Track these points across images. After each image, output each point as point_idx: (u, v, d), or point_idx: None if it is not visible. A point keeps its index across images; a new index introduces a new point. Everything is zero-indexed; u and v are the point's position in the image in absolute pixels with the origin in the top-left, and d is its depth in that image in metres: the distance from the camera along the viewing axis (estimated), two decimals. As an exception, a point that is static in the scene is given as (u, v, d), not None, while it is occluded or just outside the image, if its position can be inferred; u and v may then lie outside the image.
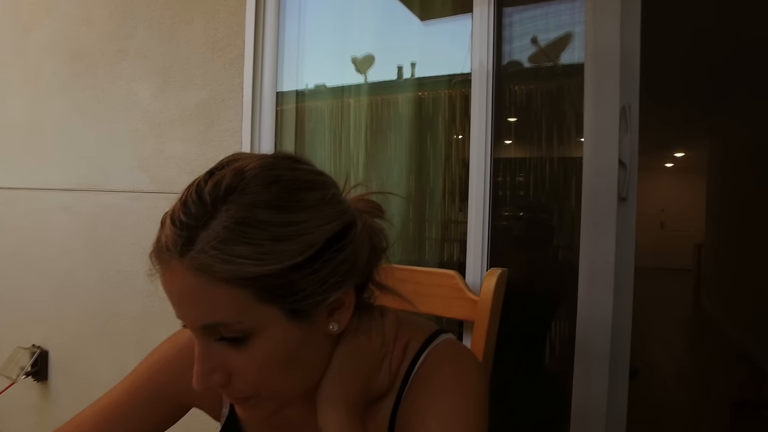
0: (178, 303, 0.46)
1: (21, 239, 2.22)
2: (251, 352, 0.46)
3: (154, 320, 1.71)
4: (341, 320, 0.51)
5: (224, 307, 0.44)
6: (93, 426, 0.64)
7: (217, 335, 0.46)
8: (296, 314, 0.46)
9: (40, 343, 2.13)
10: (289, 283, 0.44)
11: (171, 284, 0.45)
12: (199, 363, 0.47)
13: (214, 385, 0.48)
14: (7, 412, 2.30)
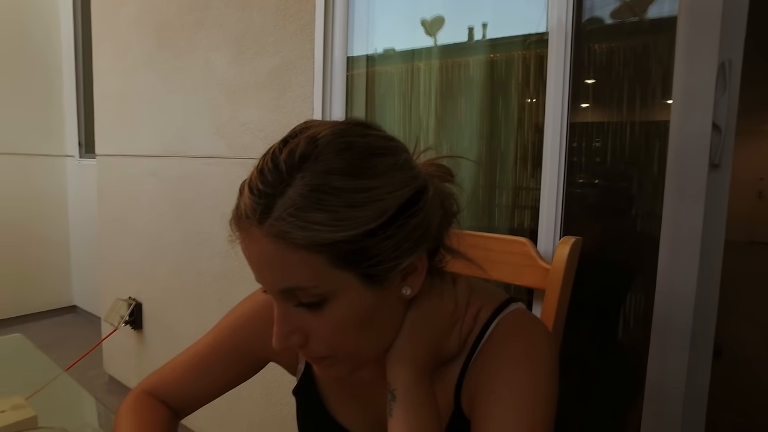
0: (257, 268, 0.48)
1: (118, 204, 2.42)
2: (327, 315, 0.48)
3: (233, 279, 1.81)
4: (414, 285, 0.51)
5: (301, 272, 0.45)
6: (183, 372, 0.70)
7: (295, 299, 0.48)
8: (370, 279, 0.47)
9: (135, 296, 2.34)
10: (364, 248, 0.45)
11: (250, 250, 0.47)
12: (278, 325, 0.49)
13: (293, 346, 0.50)
14: (112, 354, 2.57)
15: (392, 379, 0.52)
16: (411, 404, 0.50)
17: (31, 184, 3.49)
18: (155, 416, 0.66)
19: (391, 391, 0.52)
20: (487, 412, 0.51)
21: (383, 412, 0.60)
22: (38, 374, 1.07)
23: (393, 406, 0.51)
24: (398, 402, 0.51)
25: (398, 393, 0.51)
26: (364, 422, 0.64)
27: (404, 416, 0.50)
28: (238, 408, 1.84)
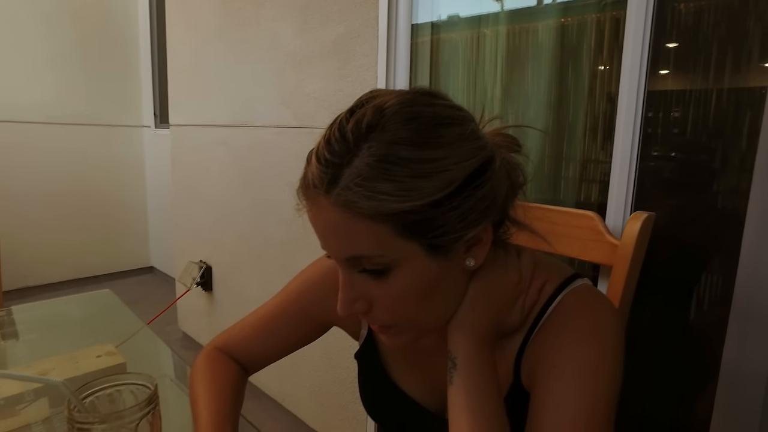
0: (323, 235, 0.49)
1: (190, 172, 2.55)
2: (391, 284, 0.48)
3: (297, 246, 1.88)
4: (478, 256, 0.51)
5: (366, 241, 0.46)
6: (252, 332, 0.74)
7: (360, 267, 0.49)
8: (435, 249, 0.47)
9: (205, 259, 2.48)
10: (429, 219, 0.45)
11: (317, 218, 0.48)
12: (343, 291, 0.50)
13: (356, 312, 0.52)
14: (185, 312, 2.76)
15: (453, 348, 0.53)
16: (471, 373, 0.51)
17: (113, 154, 3.74)
18: (227, 371, 0.71)
19: (452, 359, 0.52)
20: (548, 387, 0.51)
21: (442, 379, 0.61)
22: (124, 326, 1.17)
23: (453, 374, 0.52)
24: (459, 370, 0.51)
25: (459, 361, 0.51)
26: (423, 389, 0.65)
27: (464, 384, 0.50)
28: (300, 369, 1.92)
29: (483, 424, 0.48)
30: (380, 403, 0.69)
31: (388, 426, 0.71)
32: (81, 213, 3.63)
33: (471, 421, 0.48)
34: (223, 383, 0.68)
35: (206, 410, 0.62)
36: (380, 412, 0.70)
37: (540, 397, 0.51)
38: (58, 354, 1.02)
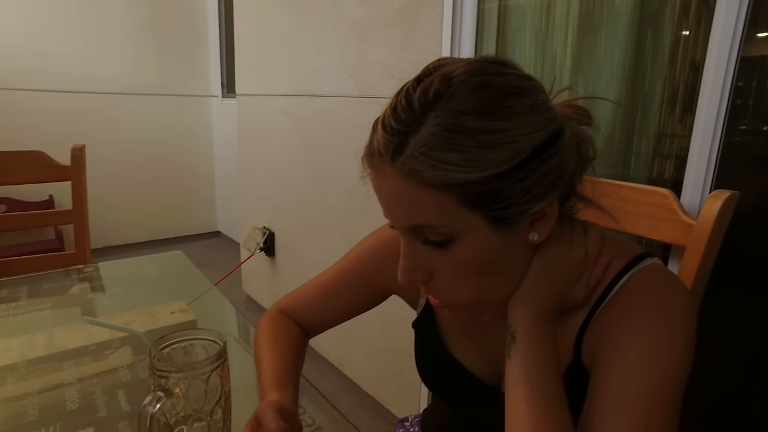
0: (387, 204, 0.49)
1: (255, 141, 2.63)
2: (453, 255, 0.48)
3: (357, 215, 1.90)
4: (542, 230, 0.50)
5: (430, 211, 0.46)
6: (313, 297, 0.77)
7: (422, 237, 0.49)
8: (498, 222, 0.47)
9: (269, 225, 2.57)
10: (494, 191, 0.44)
11: (381, 186, 0.48)
12: (404, 260, 0.51)
13: (416, 281, 0.52)
14: (249, 276, 2.89)
15: (513, 321, 0.52)
16: (530, 347, 0.50)
17: (183, 123, 3.91)
18: (289, 332, 0.74)
19: (512, 333, 0.51)
20: (610, 367, 0.49)
21: (499, 353, 0.60)
22: (193, 286, 1.25)
23: (512, 348, 0.51)
24: (518, 344, 0.50)
25: (518, 335, 0.51)
26: (479, 361, 0.65)
27: (523, 359, 0.50)
28: (357, 336, 1.98)
29: (540, 400, 0.48)
30: (435, 373, 0.70)
31: (443, 395, 0.72)
32: (155, 180, 3.86)
33: (528, 396, 0.48)
34: (286, 343, 0.71)
35: (270, 368, 0.65)
36: (435, 381, 0.71)
37: (601, 377, 0.50)
38: (138, 308, 1.10)
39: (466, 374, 0.65)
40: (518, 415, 0.48)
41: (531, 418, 0.47)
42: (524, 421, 0.47)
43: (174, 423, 0.57)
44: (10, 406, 0.73)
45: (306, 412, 0.73)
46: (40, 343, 0.92)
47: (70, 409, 0.73)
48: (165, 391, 0.55)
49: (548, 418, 0.47)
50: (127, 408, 0.73)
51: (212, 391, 0.57)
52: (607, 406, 0.47)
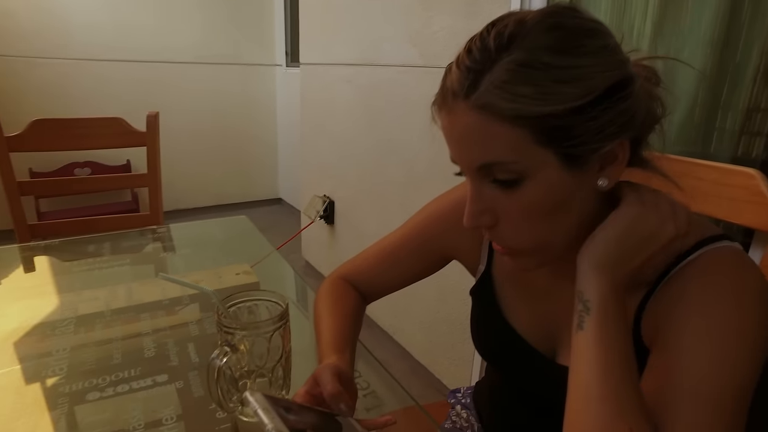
0: (458, 144, 0.49)
1: (318, 110, 2.66)
2: (521, 195, 0.48)
3: (416, 186, 1.90)
4: (611, 176, 0.49)
5: (503, 146, 0.46)
6: (374, 262, 0.78)
7: (491, 177, 0.48)
8: (569, 160, 0.46)
9: (329, 194, 2.62)
10: (568, 126, 0.44)
11: (453, 126, 0.48)
12: (470, 203, 0.50)
13: (482, 225, 0.51)
14: (309, 243, 2.97)
15: (585, 286, 0.48)
16: (606, 320, 0.46)
17: (248, 92, 4.01)
18: (348, 297, 0.76)
19: (584, 302, 0.47)
20: (676, 343, 0.47)
21: (555, 323, 0.59)
22: (256, 250, 1.30)
23: (585, 318, 0.47)
24: (593, 315, 0.47)
25: (593, 305, 0.47)
26: (535, 330, 0.64)
27: (598, 331, 0.46)
28: (413, 306, 2.00)
29: (613, 381, 0.44)
30: (490, 341, 0.70)
31: (496, 364, 0.72)
32: (222, 147, 4.01)
33: (601, 375, 0.44)
34: (345, 309, 0.73)
35: (329, 332, 0.67)
36: (490, 349, 0.70)
37: (665, 354, 0.47)
38: (205, 269, 1.17)
39: (521, 343, 0.64)
40: (589, 398, 0.44)
41: (603, 403, 0.44)
42: (597, 407, 0.44)
43: (238, 377, 0.61)
44: (99, 349, 0.81)
45: (361, 376, 0.75)
46: (121, 295, 1.00)
47: (147, 356, 0.79)
48: (231, 346, 0.58)
49: (622, 404, 0.43)
50: (196, 360, 0.78)
51: (274, 350, 0.60)
52: (674, 386, 0.45)
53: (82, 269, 1.15)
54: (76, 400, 0.68)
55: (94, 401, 0.68)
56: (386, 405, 0.70)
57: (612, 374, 0.44)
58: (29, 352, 0.80)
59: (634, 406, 0.43)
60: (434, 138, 1.70)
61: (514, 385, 0.72)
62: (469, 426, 0.84)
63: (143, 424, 0.64)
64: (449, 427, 0.85)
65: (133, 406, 0.67)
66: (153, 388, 0.71)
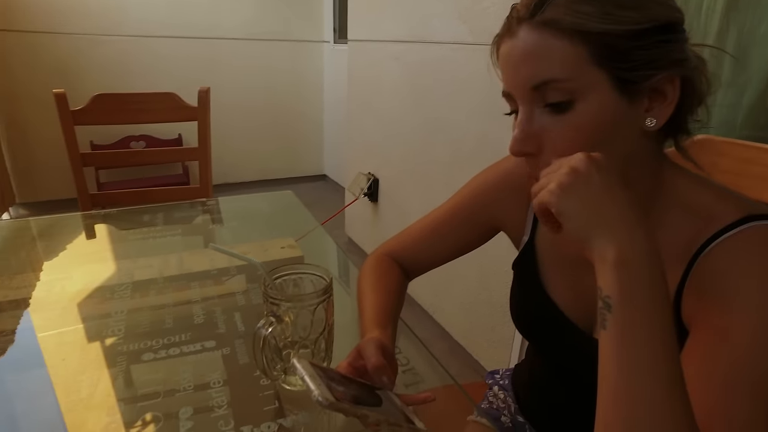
0: (515, 66, 0.50)
1: (365, 87, 2.65)
2: (571, 119, 0.49)
3: (462, 167, 1.87)
4: (659, 115, 0.49)
5: (560, 62, 0.47)
6: (419, 236, 0.79)
7: (544, 100, 0.49)
8: (622, 84, 0.47)
9: (374, 172, 2.62)
10: (624, 49, 0.46)
11: (513, 48, 0.50)
12: (518, 128, 0.51)
13: (527, 152, 0.52)
14: (352, 220, 3.00)
15: (605, 283, 0.42)
16: (633, 316, 0.41)
17: (296, 68, 4.04)
18: (392, 274, 0.76)
19: (604, 299, 0.42)
20: (721, 317, 0.44)
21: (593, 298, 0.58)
22: (301, 225, 1.32)
23: (607, 316, 0.42)
24: (615, 313, 0.41)
25: (614, 301, 0.41)
26: (575, 303, 0.63)
27: (621, 330, 0.41)
28: (453, 286, 2.00)
29: (647, 385, 0.39)
30: (529, 314, 0.69)
31: (534, 338, 0.71)
32: (269, 123, 4.07)
33: (629, 378, 0.40)
34: (388, 285, 0.73)
35: (372, 308, 0.68)
36: (528, 323, 0.69)
37: (708, 328, 0.45)
38: (251, 241, 1.20)
39: (561, 317, 0.63)
40: (618, 403, 0.40)
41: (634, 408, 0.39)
42: (628, 412, 0.39)
43: (282, 346, 0.63)
44: (153, 313, 0.85)
45: (401, 353, 0.76)
46: (173, 263, 1.05)
47: (196, 322, 0.82)
48: (276, 317, 0.60)
49: (658, 408, 0.38)
50: (242, 328, 0.81)
51: (317, 323, 0.62)
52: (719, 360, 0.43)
53: (138, 238, 1.20)
54: (132, 359, 0.72)
55: (149, 362, 0.72)
56: (425, 382, 0.71)
57: (643, 377, 0.39)
58: (91, 312, 0.85)
59: (678, 413, 0.39)
60: (483, 117, 1.67)
61: (553, 365, 0.71)
62: (505, 407, 0.83)
63: (193, 386, 0.67)
64: (486, 407, 0.86)
65: (183, 368, 0.70)
66: (201, 353, 0.74)
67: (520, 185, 0.69)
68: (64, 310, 0.86)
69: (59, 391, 0.66)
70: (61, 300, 0.88)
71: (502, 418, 0.82)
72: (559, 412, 0.72)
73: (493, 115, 1.64)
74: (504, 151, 0.57)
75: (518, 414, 0.81)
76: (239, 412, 0.62)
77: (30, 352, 0.75)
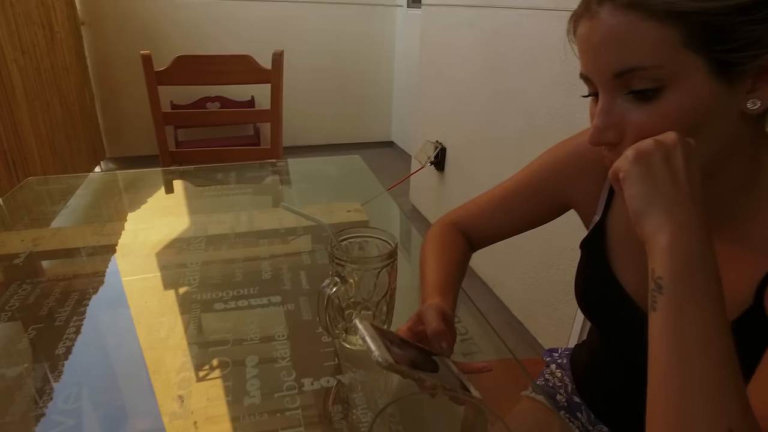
0: (596, 50, 0.46)
1: (437, 53, 2.59)
2: (658, 107, 0.44)
3: (534, 139, 1.81)
4: (765, 96, 0.43)
5: (648, 48, 0.43)
6: (487, 207, 0.77)
7: (627, 88, 0.45)
8: (720, 68, 0.42)
9: (441, 140, 2.59)
10: (724, 28, 0.41)
11: (594, 31, 0.45)
12: (598, 117, 0.47)
13: (606, 142, 0.48)
14: (417, 188, 3.00)
15: (659, 264, 0.41)
16: (686, 300, 0.39)
17: (367, 32, 4.00)
18: (456, 243, 0.76)
19: (656, 280, 0.41)
20: None
21: None
22: (366, 190, 1.34)
23: (657, 298, 0.41)
24: (667, 294, 0.40)
25: (667, 282, 0.40)
26: (641, 288, 0.60)
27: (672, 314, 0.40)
28: (516, 261, 1.96)
29: (698, 371, 0.38)
30: (594, 295, 0.66)
31: (597, 320, 0.69)
32: (339, 88, 4.09)
33: (680, 364, 0.39)
34: (452, 254, 0.73)
35: (434, 275, 0.68)
36: (592, 303, 0.67)
37: None
38: (318, 203, 1.23)
39: (626, 300, 0.61)
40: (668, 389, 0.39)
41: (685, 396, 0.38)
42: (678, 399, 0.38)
43: (345, 307, 0.65)
44: (224, 267, 0.90)
45: (460, 322, 0.76)
46: (244, 221, 1.09)
47: (264, 278, 0.86)
48: (341, 277, 0.61)
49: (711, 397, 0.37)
50: (307, 287, 0.84)
51: (380, 286, 0.63)
52: None
53: (212, 194, 1.26)
54: (204, 307, 0.77)
55: (219, 311, 0.76)
56: (482, 353, 0.71)
57: (693, 362, 0.38)
58: (168, 262, 0.92)
59: (731, 400, 0.37)
60: (558, 89, 1.59)
61: (614, 348, 0.69)
62: (562, 386, 0.82)
63: (258, 338, 0.70)
64: (542, 384, 0.85)
65: (250, 320, 0.74)
66: (267, 307, 0.78)
67: (595, 163, 0.65)
68: (146, 257, 0.92)
69: (141, 330, 0.72)
70: (144, 248, 0.95)
71: (558, 397, 0.81)
72: (617, 395, 0.70)
73: (568, 88, 1.56)
74: (579, 126, 0.54)
75: (574, 394, 0.80)
76: (300, 365, 0.65)
77: (116, 293, 0.82)
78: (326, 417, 0.58)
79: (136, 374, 0.64)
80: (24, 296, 0.79)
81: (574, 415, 0.78)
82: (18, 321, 0.73)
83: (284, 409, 0.58)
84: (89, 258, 0.93)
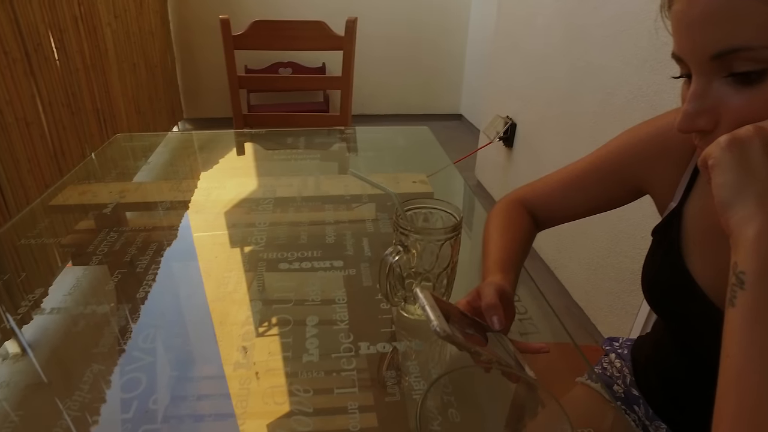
0: (694, 28, 0.43)
1: (514, 24, 2.48)
2: (761, 92, 0.41)
3: (612, 119, 1.71)
4: None
5: (755, 27, 0.39)
6: (557, 186, 0.74)
7: (727, 70, 0.42)
8: None
9: (512, 116, 2.51)
10: None
11: (692, 6, 0.42)
12: (689, 102, 0.44)
13: (698, 128, 0.45)
14: (483, 163, 2.94)
15: (743, 258, 0.38)
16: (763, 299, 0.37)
17: (442, 1, 3.89)
18: (522, 221, 0.74)
19: (738, 275, 0.39)
20: None
21: None
22: (432, 162, 1.33)
23: (738, 293, 0.39)
24: (749, 290, 0.38)
25: (750, 278, 0.38)
26: (717, 282, 0.55)
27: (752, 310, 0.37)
28: (581, 245, 1.89)
29: (761, 371, 0.36)
30: (663, 286, 0.63)
31: (663, 311, 0.65)
32: (410, 57, 4.04)
33: (757, 363, 0.36)
34: (516, 232, 0.71)
35: (497, 251, 0.67)
36: (659, 294, 0.64)
37: None
38: (384, 172, 1.23)
39: (697, 293, 0.57)
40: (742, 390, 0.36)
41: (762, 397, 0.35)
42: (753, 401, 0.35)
43: (406, 276, 0.65)
44: (290, 229, 0.93)
45: (520, 301, 0.75)
46: (310, 185, 1.12)
47: (328, 242, 0.88)
48: (404, 247, 0.61)
49: None
50: (369, 254, 0.85)
51: (443, 258, 0.63)
52: None
53: (281, 158, 1.30)
54: (269, 267, 0.80)
55: (284, 271, 0.80)
56: (540, 334, 0.70)
57: (761, 363, 0.36)
58: (237, 221, 0.96)
59: None
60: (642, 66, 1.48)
61: (680, 342, 0.66)
62: (620, 376, 0.79)
63: (320, 299, 0.73)
64: (599, 372, 0.82)
65: (312, 281, 0.77)
66: (330, 270, 0.80)
67: (677, 146, 0.61)
68: (216, 215, 0.97)
69: (209, 283, 0.76)
70: (215, 207, 1.00)
71: (615, 387, 0.78)
72: (680, 392, 0.67)
73: (655, 65, 1.45)
74: (662, 108, 0.50)
75: (633, 386, 0.77)
76: (358, 329, 0.67)
77: (188, 246, 0.87)
78: (379, 381, 0.59)
79: (203, 323, 0.68)
80: (111, 243, 0.85)
81: (631, 408, 0.75)
82: (105, 265, 0.80)
83: (340, 370, 0.60)
84: (165, 212, 0.99)
